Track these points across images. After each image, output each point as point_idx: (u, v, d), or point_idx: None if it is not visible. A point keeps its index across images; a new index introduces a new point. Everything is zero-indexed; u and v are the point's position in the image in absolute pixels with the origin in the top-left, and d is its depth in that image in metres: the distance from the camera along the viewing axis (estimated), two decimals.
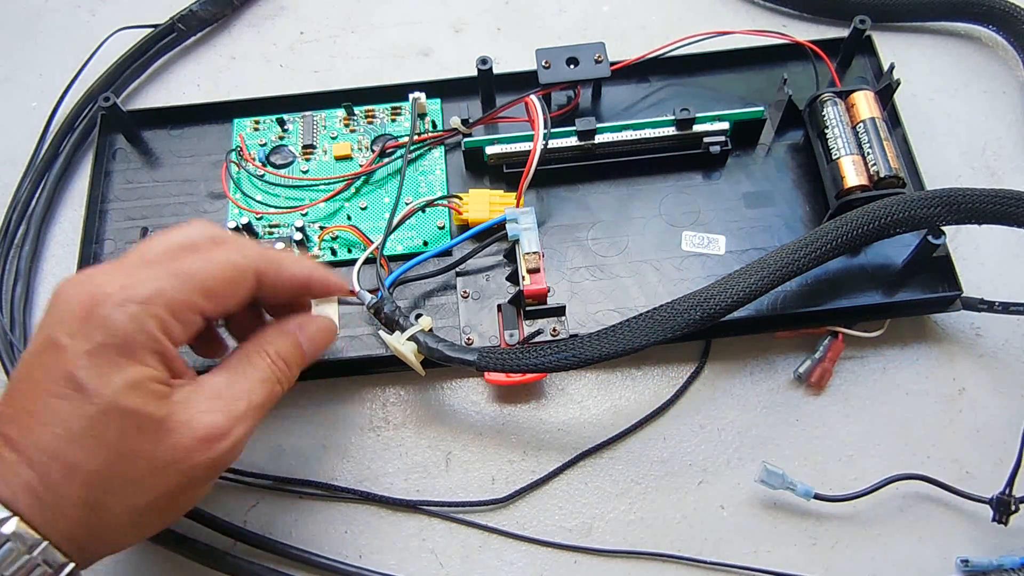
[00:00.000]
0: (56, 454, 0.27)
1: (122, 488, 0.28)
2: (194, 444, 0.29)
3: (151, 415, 0.28)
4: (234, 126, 0.47)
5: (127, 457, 0.28)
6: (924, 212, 0.37)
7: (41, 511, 0.27)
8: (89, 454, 0.27)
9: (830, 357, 0.41)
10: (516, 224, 0.40)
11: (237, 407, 0.31)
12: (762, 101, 0.46)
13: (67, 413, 0.27)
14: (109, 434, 0.27)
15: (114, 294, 0.28)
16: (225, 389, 0.31)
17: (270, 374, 0.32)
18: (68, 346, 0.27)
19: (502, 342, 0.40)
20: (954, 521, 0.38)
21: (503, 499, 0.39)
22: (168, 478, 0.29)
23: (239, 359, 0.33)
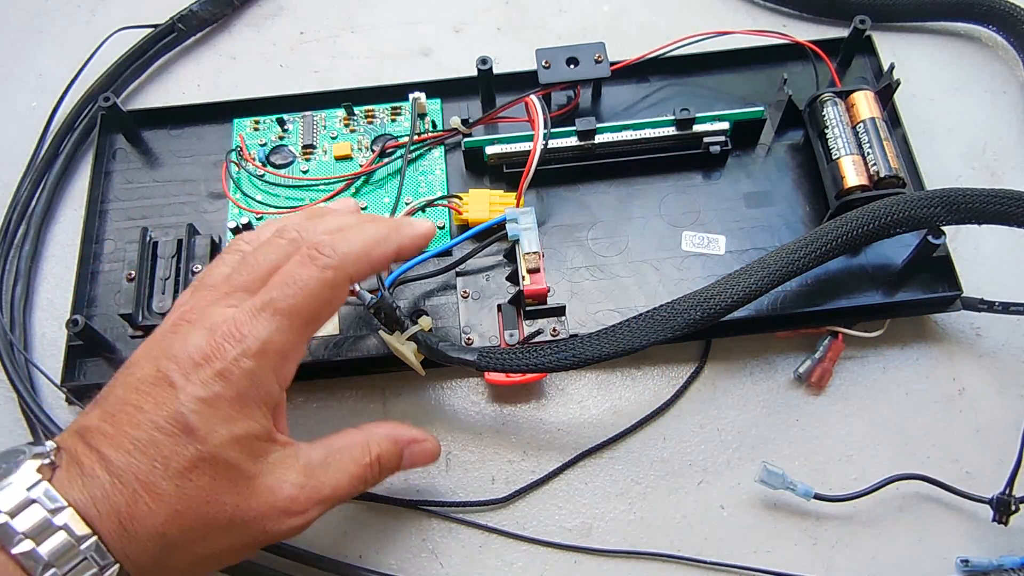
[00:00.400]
0: (150, 486, 0.27)
1: (197, 533, 0.28)
2: (271, 512, 0.29)
3: (245, 471, 0.29)
4: (234, 126, 0.47)
5: (212, 506, 0.28)
6: (924, 212, 0.37)
7: (120, 537, 0.27)
8: (180, 494, 0.27)
9: (830, 357, 0.41)
10: (516, 224, 0.40)
11: (322, 491, 0.31)
12: (762, 101, 0.46)
13: (169, 450, 0.27)
14: (203, 480, 0.28)
15: (231, 346, 0.29)
16: (319, 468, 0.31)
17: (363, 474, 0.33)
18: (182, 387, 0.28)
19: (502, 342, 0.40)
20: (954, 521, 0.38)
21: (503, 499, 0.39)
22: (237, 535, 0.29)
23: (343, 444, 0.33)
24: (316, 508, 0.31)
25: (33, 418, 0.40)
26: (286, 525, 0.30)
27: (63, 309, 0.43)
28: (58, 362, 0.41)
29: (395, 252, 0.34)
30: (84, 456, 0.27)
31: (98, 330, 0.41)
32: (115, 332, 0.42)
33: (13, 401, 0.42)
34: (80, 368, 0.41)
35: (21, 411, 0.41)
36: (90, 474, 0.27)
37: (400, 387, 0.42)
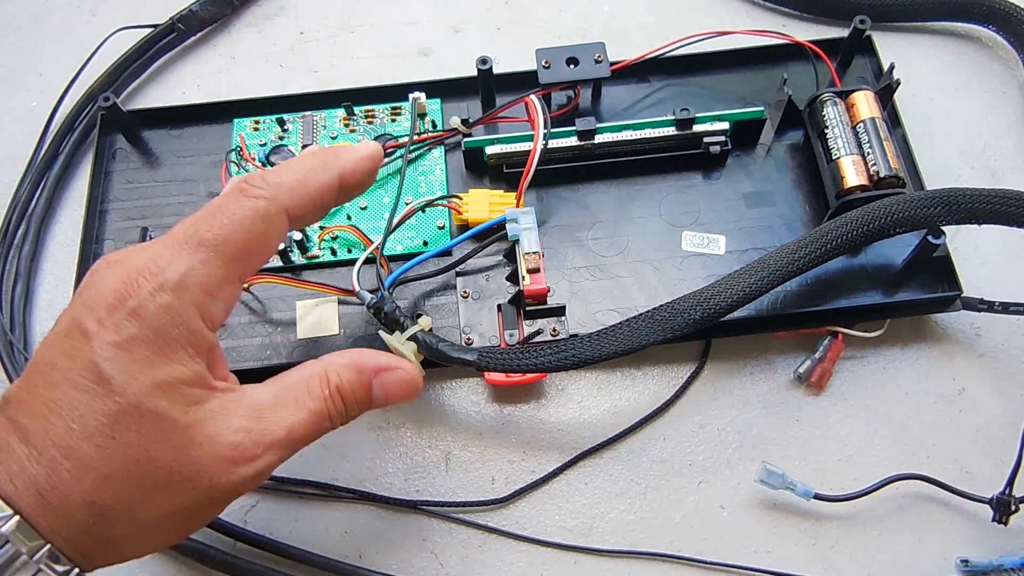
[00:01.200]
0: (68, 451, 0.24)
1: (133, 497, 0.25)
2: (215, 463, 0.26)
3: (176, 421, 0.25)
4: (234, 126, 0.47)
5: (143, 464, 0.25)
6: (924, 212, 0.37)
7: (45, 512, 0.24)
8: (103, 455, 0.24)
9: (830, 357, 0.41)
10: (516, 224, 0.40)
11: (274, 433, 0.27)
12: (762, 101, 0.46)
13: (85, 407, 0.24)
14: (128, 436, 0.25)
15: (145, 280, 0.26)
16: (268, 409, 0.28)
17: (324, 407, 0.29)
18: (95, 334, 0.25)
19: (502, 342, 0.40)
20: (954, 521, 0.38)
21: (503, 499, 0.39)
22: (181, 493, 0.26)
23: (297, 379, 0.29)
24: (270, 453, 0.27)
25: None
26: (236, 476, 0.26)
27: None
28: None
29: (336, 178, 0.30)
30: (1, 429, 0.25)
31: None
32: None
33: None
34: None
35: None
36: (4, 447, 0.24)
37: None
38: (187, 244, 0.27)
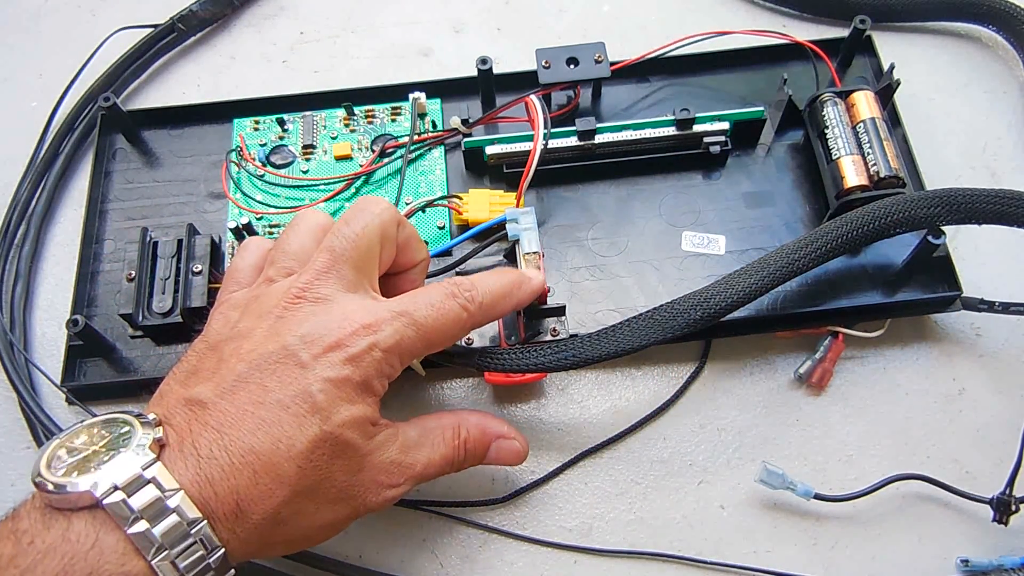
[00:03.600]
0: (271, 467, 0.27)
1: (308, 510, 0.29)
2: (372, 486, 0.30)
3: (359, 449, 0.29)
4: (234, 126, 0.47)
5: (326, 482, 0.29)
6: (924, 212, 0.37)
7: (235, 519, 0.27)
8: (301, 474, 0.28)
9: (830, 357, 0.41)
10: (516, 224, 0.40)
11: (415, 468, 0.32)
12: (762, 101, 0.46)
13: (294, 430, 0.28)
14: (323, 459, 0.28)
15: (364, 334, 0.30)
16: (414, 447, 0.32)
17: (452, 454, 0.34)
18: (311, 367, 0.28)
19: (502, 342, 0.40)
20: (954, 521, 0.38)
21: (503, 499, 0.39)
22: (342, 508, 0.30)
23: (436, 426, 0.34)
24: (409, 483, 0.32)
25: (33, 418, 0.40)
26: (382, 497, 0.31)
27: (63, 309, 0.43)
28: (58, 362, 0.41)
29: (514, 308, 0.36)
30: (200, 435, 0.27)
31: (98, 330, 0.41)
32: (115, 332, 0.42)
33: (13, 401, 0.42)
34: (80, 368, 0.41)
35: (21, 411, 0.41)
36: (207, 455, 0.27)
37: (400, 387, 0.42)
38: (403, 317, 0.31)
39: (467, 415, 0.35)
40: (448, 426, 0.34)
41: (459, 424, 0.34)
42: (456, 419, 0.34)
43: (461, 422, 0.34)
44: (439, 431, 0.34)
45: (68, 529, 0.25)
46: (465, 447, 0.34)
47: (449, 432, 0.34)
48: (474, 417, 0.35)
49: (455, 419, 0.34)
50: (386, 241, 0.33)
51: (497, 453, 0.35)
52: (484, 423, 0.35)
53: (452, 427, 0.34)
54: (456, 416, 0.35)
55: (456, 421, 0.34)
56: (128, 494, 0.25)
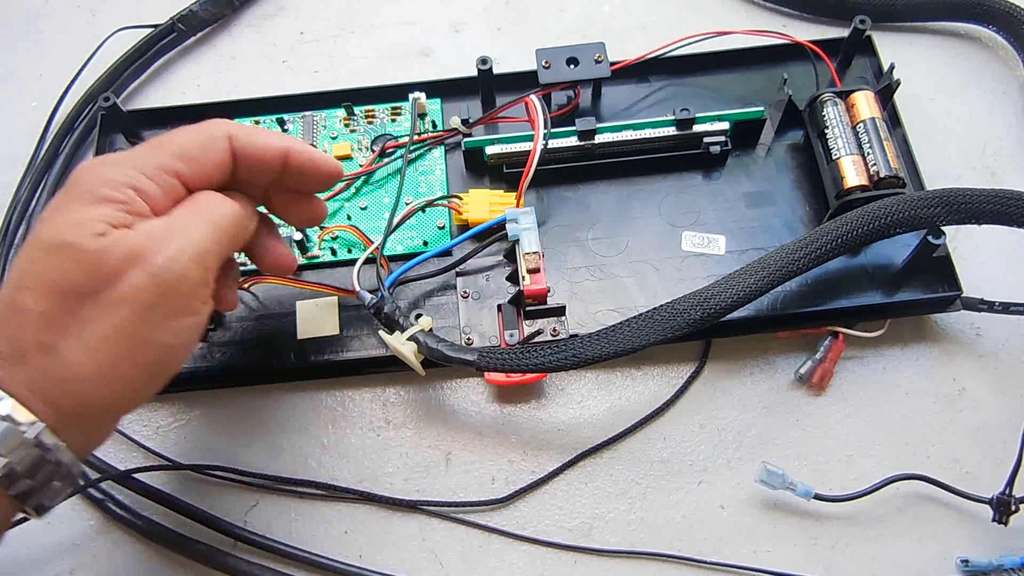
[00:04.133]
0: (12, 303, 0.27)
1: (71, 326, 0.27)
2: (121, 265, 0.28)
3: (84, 248, 0.27)
4: None
5: (69, 294, 0.27)
6: (924, 212, 0.37)
7: (3, 366, 0.27)
8: (35, 295, 0.27)
9: (831, 357, 0.41)
10: (516, 224, 0.40)
11: (166, 233, 0.29)
12: (762, 101, 0.46)
13: (20, 261, 0.28)
14: (50, 272, 0.27)
15: (92, 164, 0.30)
16: (162, 225, 0.29)
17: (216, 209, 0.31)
18: (44, 211, 0.29)
19: (502, 342, 0.40)
20: (954, 521, 0.38)
21: (503, 499, 0.39)
22: (113, 310, 0.28)
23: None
24: (172, 244, 0.29)
25: None
26: (149, 268, 0.28)
27: None
28: None
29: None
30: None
31: None
32: None
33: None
34: None
35: None
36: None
37: (400, 387, 0.42)
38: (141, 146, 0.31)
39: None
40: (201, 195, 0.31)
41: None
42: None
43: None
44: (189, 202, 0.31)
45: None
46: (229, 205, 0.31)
47: (202, 195, 0.31)
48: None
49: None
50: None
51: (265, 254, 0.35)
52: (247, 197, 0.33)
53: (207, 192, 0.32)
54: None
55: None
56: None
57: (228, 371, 0.41)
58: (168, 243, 0.28)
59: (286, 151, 0.33)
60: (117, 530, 0.39)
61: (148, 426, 0.42)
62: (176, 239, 0.29)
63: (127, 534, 0.39)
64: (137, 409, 0.31)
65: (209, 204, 0.31)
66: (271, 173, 0.33)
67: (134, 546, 0.39)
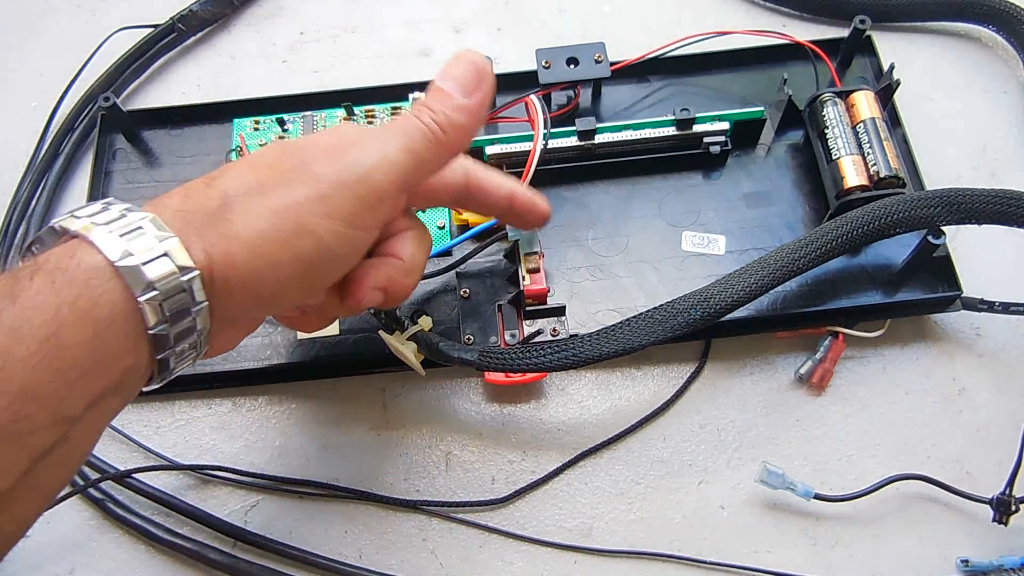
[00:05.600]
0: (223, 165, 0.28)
1: (252, 191, 0.27)
2: (316, 154, 0.28)
3: (294, 142, 0.29)
4: (234, 126, 0.47)
5: (262, 165, 0.28)
6: (924, 212, 0.37)
7: (182, 206, 0.26)
8: (240, 162, 0.28)
9: (831, 357, 0.41)
10: None
11: (364, 135, 0.29)
12: (762, 101, 0.46)
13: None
14: (260, 149, 0.29)
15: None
16: (364, 131, 0.30)
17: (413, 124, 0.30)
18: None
19: (502, 342, 0.40)
20: (954, 521, 0.38)
21: (503, 499, 0.39)
22: (291, 187, 0.27)
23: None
24: (370, 142, 0.29)
25: None
26: (341, 161, 0.28)
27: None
28: None
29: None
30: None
31: None
32: None
33: None
34: None
35: None
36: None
37: (400, 387, 0.42)
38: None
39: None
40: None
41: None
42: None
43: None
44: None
45: (50, 259, 0.24)
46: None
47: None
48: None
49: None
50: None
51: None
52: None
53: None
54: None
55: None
56: (117, 230, 0.24)
57: (228, 371, 0.41)
58: (361, 144, 0.28)
59: (511, 194, 0.35)
60: (117, 530, 0.39)
61: (148, 426, 0.42)
62: (371, 141, 0.29)
63: (127, 534, 0.39)
64: (268, 313, 0.31)
65: (410, 122, 0.30)
66: (496, 210, 0.35)
67: (134, 546, 0.39)
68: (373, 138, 0.29)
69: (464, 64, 0.31)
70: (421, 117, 0.29)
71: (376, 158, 0.28)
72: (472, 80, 0.31)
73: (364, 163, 0.28)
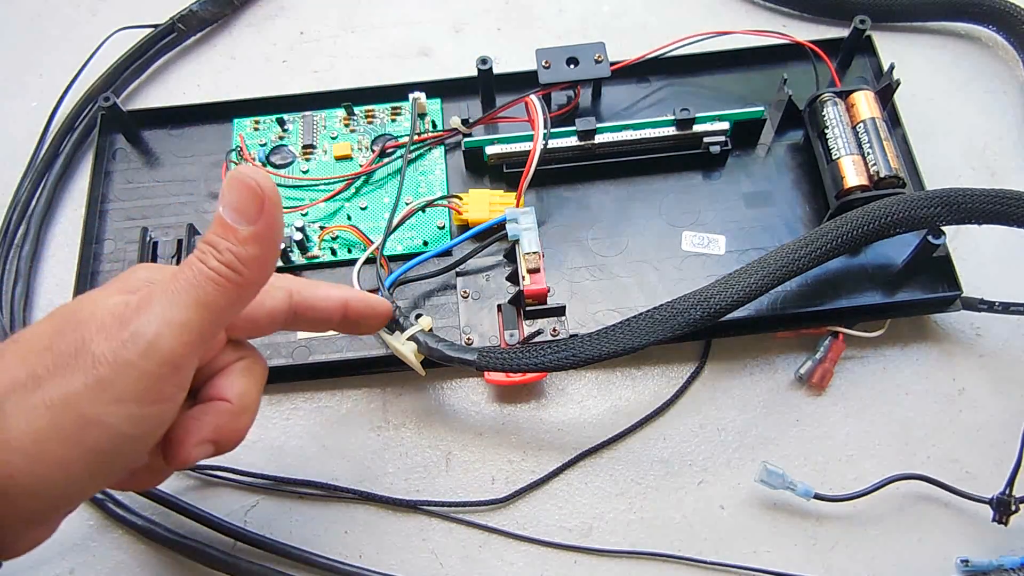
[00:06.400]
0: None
1: (26, 385, 0.24)
2: (91, 331, 0.24)
3: (63, 311, 0.25)
4: (234, 126, 0.47)
5: (36, 351, 0.24)
6: (924, 212, 0.37)
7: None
8: (15, 346, 0.25)
9: (831, 358, 0.41)
10: (516, 224, 0.40)
11: (145, 300, 0.25)
12: (762, 101, 0.46)
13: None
14: (36, 327, 0.25)
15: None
16: (145, 294, 0.26)
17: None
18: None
19: (502, 342, 0.40)
20: (954, 521, 0.38)
21: (503, 499, 0.39)
22: (68, 376, 0.24)
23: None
24: (144, 315, 0.25)
25: None
26: (122, 335, 0.24)
27: None
28: None
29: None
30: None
31: None
32: None
33: None
34: None
35: None
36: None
37: (400, 387, 0.42)
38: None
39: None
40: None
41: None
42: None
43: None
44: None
45: None
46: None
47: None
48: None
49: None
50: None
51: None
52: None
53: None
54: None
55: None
56: None
57: None
58: (143, 310, 0.25)
59: (344, 303, 0.32)
60: (117, 530, 0.39)
61: None
62: (155, 304, 0.25)
63: (127, 534, 0.39)
64: (70, 509, 0.26)
65: (195, 271, 0.26)
66: (330, 324, 0.32)
67: (134, 546, 0.39)
68: (157, 299, 0.25)
69: (237, 188, 0.26)
70: (207, 262, 0.25)
71: (158, 325, 0.24)
72: (251, 203, 0.26)
73: (146, 334, 0.24)
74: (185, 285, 0.25)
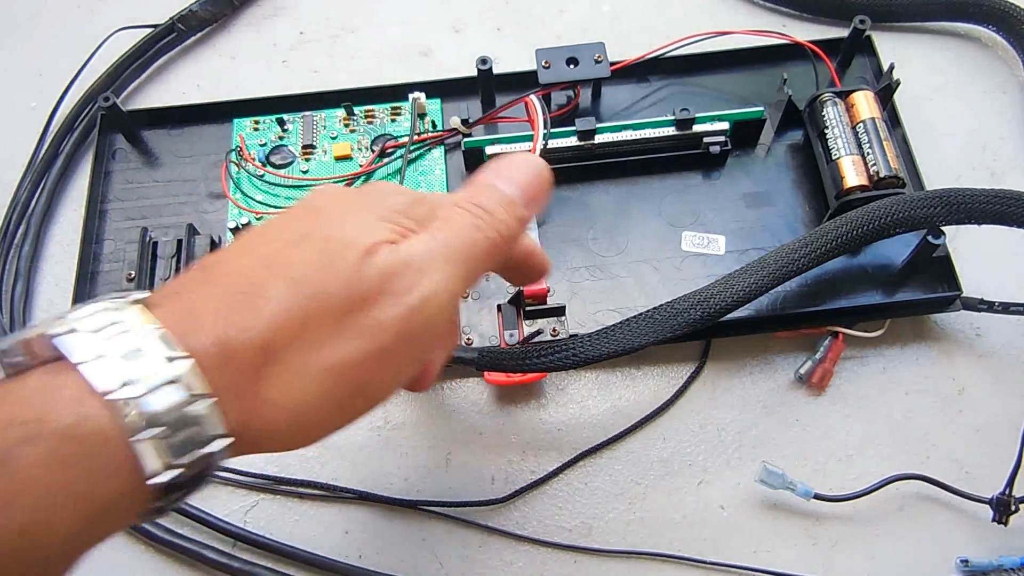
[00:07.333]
0: (253, 283, 0.22)
1: (304, 339, 0.22)
2: (373, 291, 0.22)
3: (354, 260, 0.23)
4: (234, 126, 0.47)
5: (315, 300, 0.22)
6: (924, 212, 0.37)
7: (218, 359, 0.21)
8: (284, 286, 0.22)
9: (831, 357, 0.41)
10: None
11: (414, 232, 0.24)
12: (762, 101, 0.46)
13: (271, 242, 0.23)
14: (310, 271, 0.22)
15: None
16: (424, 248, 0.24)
17: (463, 218, 0.25)
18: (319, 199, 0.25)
19: (502, 342, 0.40)
20: (954, 521, 0.38)
21: (503, 499, 0.39)
22: (350, 340, 0.22)
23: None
24: (413, 245, 0.24)
25: None
26: (377, 262, 0.23)
27: (63, 309, 0.43)
28: None
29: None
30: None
31: None
32: None
33: None
34: None
35: None
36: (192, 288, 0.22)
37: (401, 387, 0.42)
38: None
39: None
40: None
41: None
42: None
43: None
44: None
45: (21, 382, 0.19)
46: (473, 203, 0.25)
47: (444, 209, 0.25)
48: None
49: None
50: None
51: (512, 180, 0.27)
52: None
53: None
54: None
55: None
56: (87, 328, 0.20)
57: None
58: (427, 274, 0.23)
59: (529, 255, 0.30)
60: None
61: None
62: (436, 268, 0.23)
63: (127, 534, 0.39)
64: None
65: (480, 236, 0.25)
66: (518, 272, 0.31)
67: (134, 546, 0.39)
68: (439, 264, 0.24)
69: (531, 171, 0.26)
70: (488, 232, 0.25)
71: (443, 297, 0.23)
72: (538, 191, 0.26)
73: (431, 307, 0.23)
74: (466, 249, 0.24)
